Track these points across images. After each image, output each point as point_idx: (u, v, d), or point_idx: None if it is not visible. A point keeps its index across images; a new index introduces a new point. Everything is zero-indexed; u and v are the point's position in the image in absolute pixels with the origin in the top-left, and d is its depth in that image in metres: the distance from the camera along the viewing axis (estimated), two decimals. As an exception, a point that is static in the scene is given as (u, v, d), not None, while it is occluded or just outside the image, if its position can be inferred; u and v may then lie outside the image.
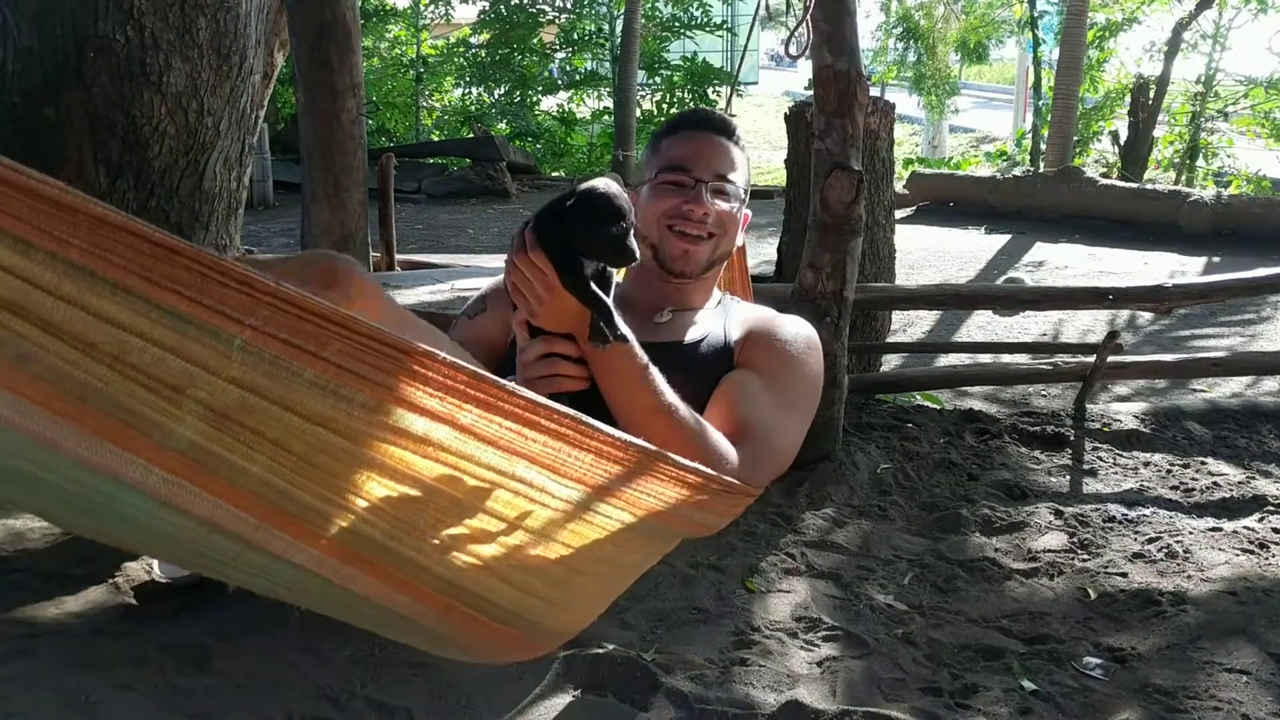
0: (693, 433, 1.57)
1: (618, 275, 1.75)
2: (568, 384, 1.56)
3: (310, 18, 3.21)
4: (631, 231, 1.53)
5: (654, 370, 1.58)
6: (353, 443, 1.10)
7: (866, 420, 3.72)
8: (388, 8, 15.10)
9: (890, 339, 4.42)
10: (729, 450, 1.62)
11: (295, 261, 1.83)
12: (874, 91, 3.39)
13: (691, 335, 1.86)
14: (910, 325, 5.63)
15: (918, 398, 4.07)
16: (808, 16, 2.67)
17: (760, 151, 16.55)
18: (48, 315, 0.93)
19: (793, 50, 2.76)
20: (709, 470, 1.36)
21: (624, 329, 1.55)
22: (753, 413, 1.71)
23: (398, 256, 4.33)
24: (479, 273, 3.45)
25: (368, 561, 1.21)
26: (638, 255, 1.54)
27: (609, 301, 1.54)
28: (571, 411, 1.20)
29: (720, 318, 1.92)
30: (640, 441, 1.27)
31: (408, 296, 2.80)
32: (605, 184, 1.53)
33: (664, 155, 1.96)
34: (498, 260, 4.88)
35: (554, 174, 13.98)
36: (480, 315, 1.96)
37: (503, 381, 1.15)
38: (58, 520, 1.41)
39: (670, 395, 1.58)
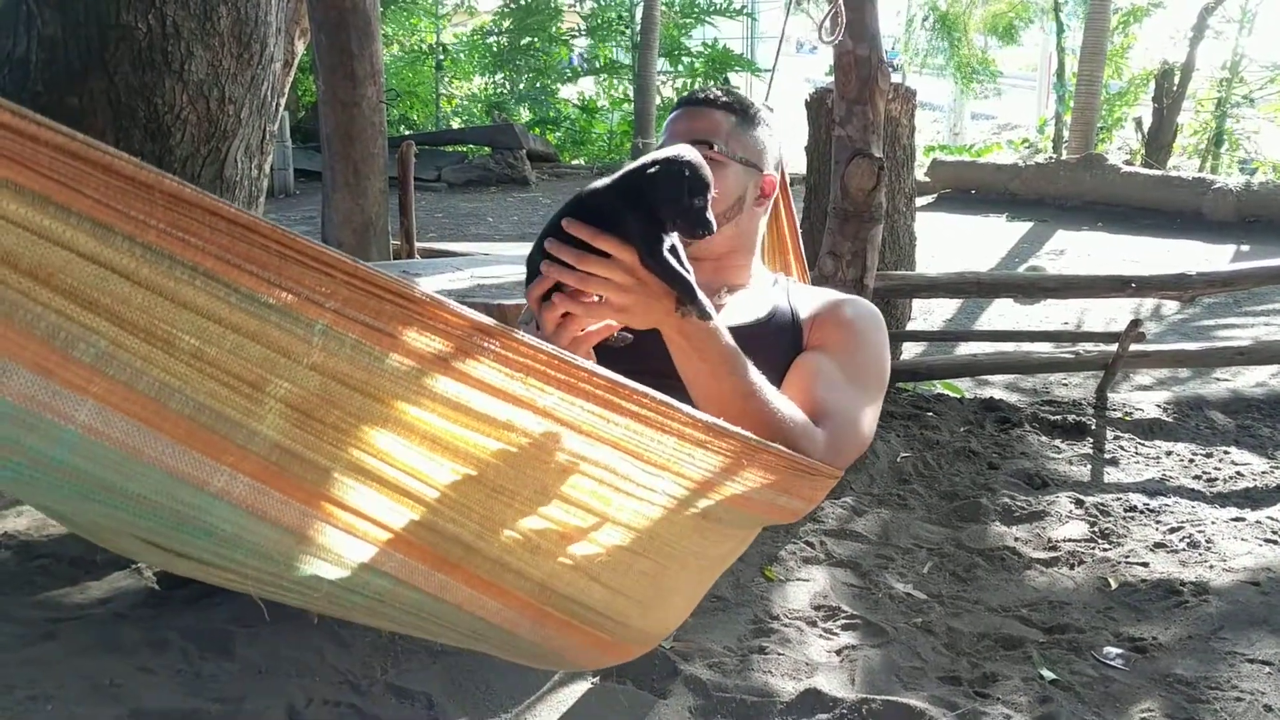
0: (784, 416, 1.53)
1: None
2: (598, 335, 1.40)
3: (331, 5, 3.22)
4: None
5: (740, 352, 1.51)
6: (437, 432, 1.07)
7: (886, 409, 3.70)
8: (408, -3, 15.11)
9: (910, 327, 4.40)
10: (816, 432, 1.59)
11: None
12: (895, 78, 3.36)
13: (757, 314, 1.84)
14: (930, 313, 5.61)
15: (938, 386, 4.05)
16: (840, 3, 2.64)
17: (780, 138, 16.39)
18: (126, 305, 0.90)
19: (825, 36, 2.73)
20: (792, 453, 1.32)
21: (710, 306, 1.42)
22: (832, 394, 1.68)
23: (418, 244, 4.34)
24: (499, 260, 3.45)
25: (458, 566, 1.17)
26: (715, 227, 1.46)
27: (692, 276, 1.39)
28: (653, 392, 1.15)
29: (783, 296, 1.90)
30: (722, 423, 1.21)
31: (427, 284, 2.81)
32: (689, 149, 1.45)
33: (666, 136, 1.97)
34: (517, 248, 4.88)
35: (574, 162, 13.96)
36: (531, 323, 1.94)
37: (584, 361, 1.11)
38: (136, 545, 1.34)
39: (759, 377, 1.52)
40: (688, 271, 1.39)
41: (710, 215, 1.40)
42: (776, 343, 1.79)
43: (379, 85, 3.31)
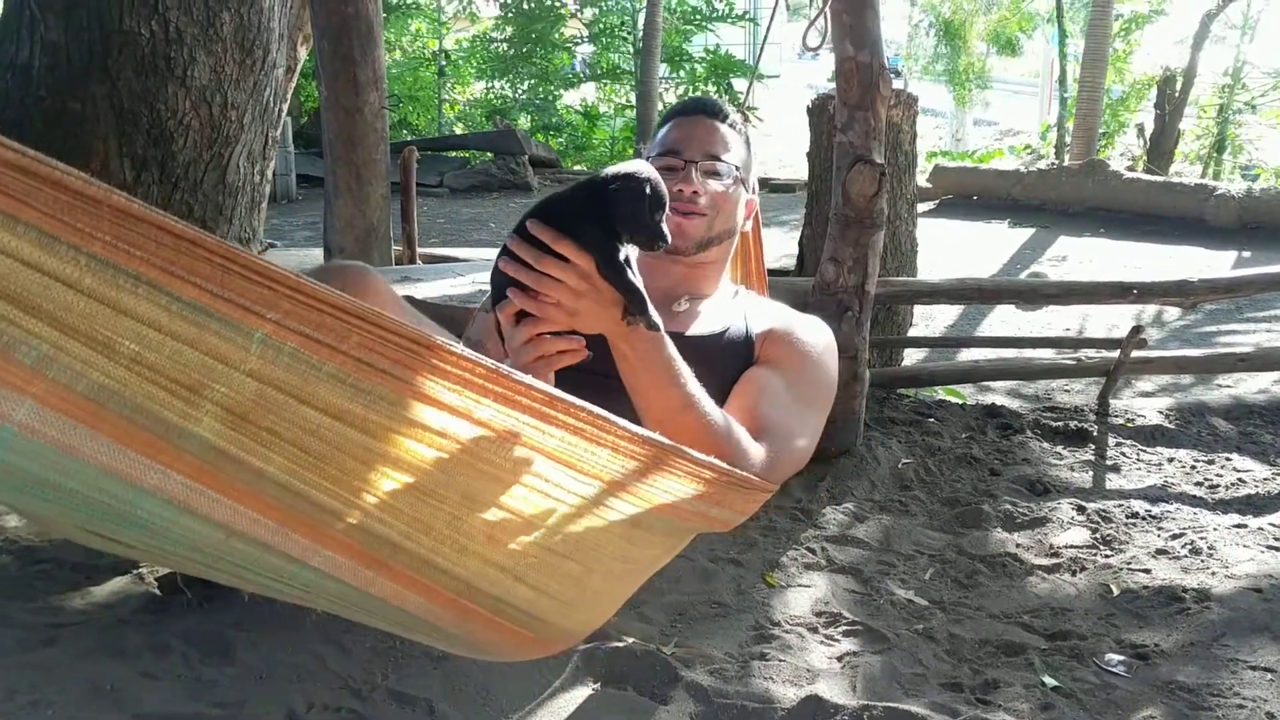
0: (721, 429, 1.55)
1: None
2: (567, 358, 1.47)
3: (333, 11, 3.23)
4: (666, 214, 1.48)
5: (683, 364, 1.54)
6: (371, 438, 1.10)
7: (888, 415, 3.71)
8: (409, 2, 15.13)
9: (912, 333, 4.40)
10: (753, 446, 1.61)
11: (307, 274, 1.82)
12: (897, 84, 3.36)
13: (712, 327, 1.86)
14: (932, 319, 5.61)
15: (940, 392, 4.05)
16: (827, 8, 2.66)
17: (782, 145, 16.54)
18: (68, 311, 0.93)
19: (811, 42, 2.74)
20: (726, 466, 1.35)
21: (657, 319, 1.48)
22: (774, 411, 1.70)
23: (419, 250, 4.35)
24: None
25: (384, 564, 1.20)
26: (670, 240, 1.49)
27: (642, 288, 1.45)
28: (589, 405, 1.19)
29: (740, 311, 1.92)
30: (658, 437, 1.26)
31: (428, 289, 2.81)
32: (646, 166, 1.49)
33: (660, 142, 1.97)
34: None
35: (576, 168, 13.97)
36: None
37: (521, 374, 1.15)
38: (76, 532, 1.39)
39: (699, 390, 1.55)
40: (639, 283, 1.43)
41: (666, 228, 1.45)
42: (726, 357, 1.80)
43: (381, 91, 3.33)
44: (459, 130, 15.07)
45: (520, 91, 15.10)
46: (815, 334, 1.89)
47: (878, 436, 3.41)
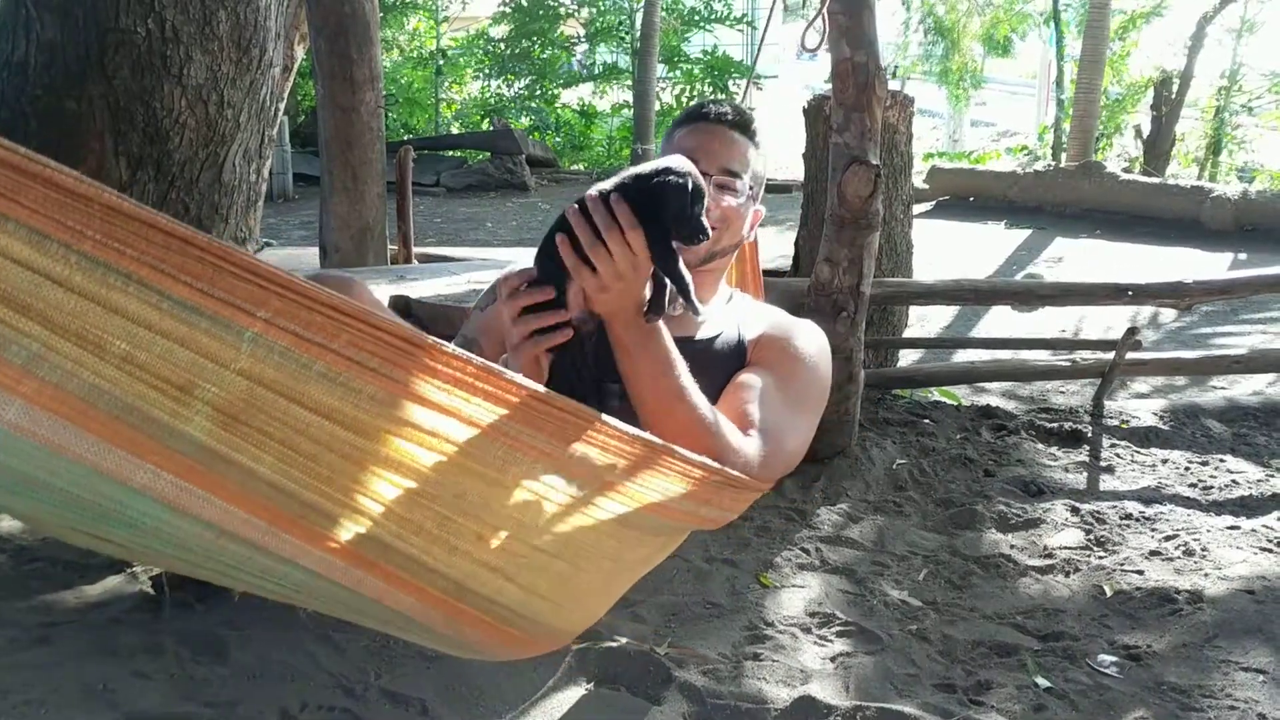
0: (710, 423, 1.56)
1: None
2: (555, 336, 1.48)
3: (330, 10, 3.23)
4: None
5: (679, 356, 1.56)
6: (361, 437, 1.10)
7: (883, 416, 3.71)
8: (407, 0, 15.12)
9: (907, 334, 4.40)
10: (742, 444, 1.62)
11: None
12: (894, 85, 3.37)
13: (706, 331, 1.86)
14: (927, 320, 5.61)
15: (935, 393, 4.06)
16: (825, 9, 2.66)
17: (779, 145, 16.50)
18: (58, 310, 0.93)
19: (809, 42, 2.74)
20: (717, 464, 1.36)
21: (699, 305, 1.53)
22: (765, 412, 1.71)
23: (415, 250, 4.35)
24: (495, 265, 3.46)
25: (375, 564, 1.20)
26: (710, 233, 1.51)
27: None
28: (578, 405, 1.19)
29: (734, 316, 1.92)
30: (647, 435, 1.26)
31: (423, 288, 2.82)
32: (685, 162, 1.49)
33: (675, 146, 1.95)
34: (513, 253, 4.88)
35: (573, 167, 13.97)
36: (490, 307, 1.95)
37: (511, 374, 1.15)
38: (65, 532, 1.39)
39: (691, 383, 1.56)
40: (689, 276, 1.46)
41: (705, 221, 1.46)
42: (720, 361, 1.81)
43: (377, 90, 3.32)
44: (456, 129, 15.07)
45: (517, 90, 15.08)
46: (808, 337, 1.89)
47: (872, 437, 3.41)
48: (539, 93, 14.95)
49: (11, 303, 0.92)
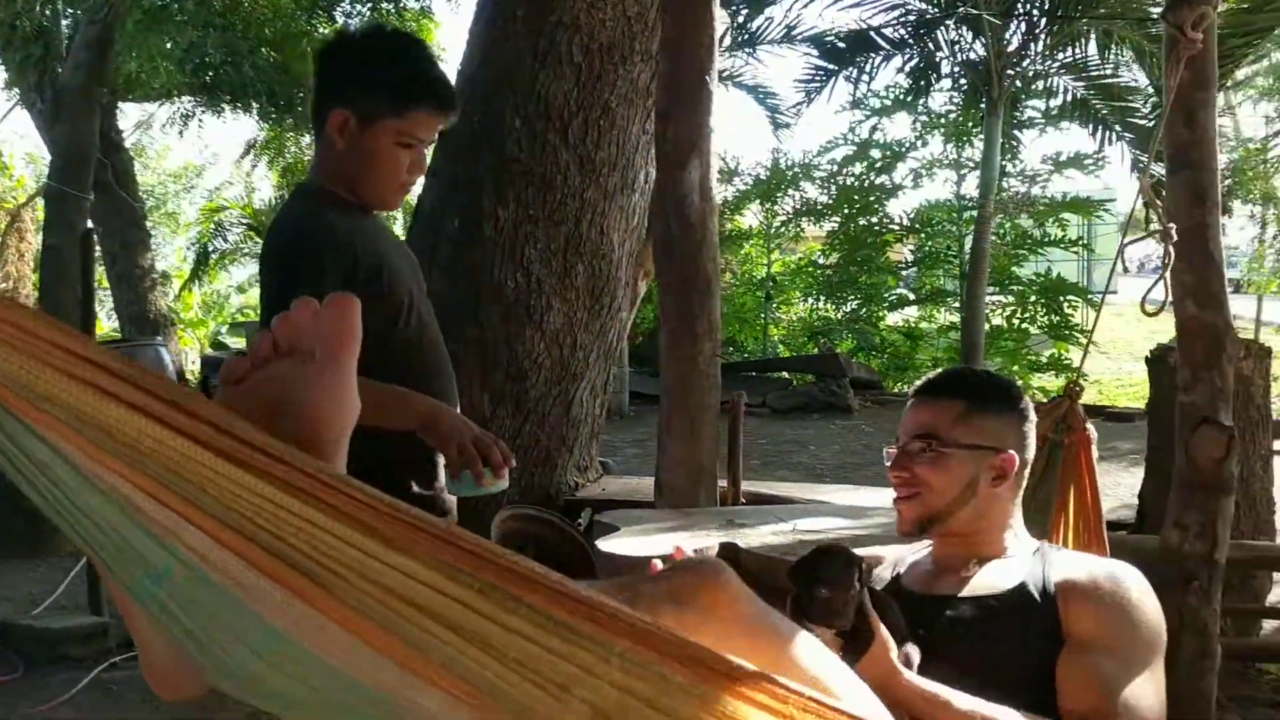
0: None
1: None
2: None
3: (678, 270, 3.54)
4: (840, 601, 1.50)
5: (940, 687, 1.55)
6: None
7: (1245, 692, 3.36)
8: (742, 230, 16.03)
9: (1271, 600, 3.99)
10: None
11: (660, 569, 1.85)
12: (1243, 301, 3.19)
13: (1006, 585, 1.84)
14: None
15: (1310, 671, 3.62)
16: (1167, 273, 2.62)
17: (1120, 363, 15.75)
18: (469, 626, 1.07)
19: (1149, 308, 2.70)
20: None
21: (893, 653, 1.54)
22: (1106, 690, 1.64)
23: (743, 487, 4.51)
24: (821, 511, 3.52)
25: None
26: (840, 621, 1.51)
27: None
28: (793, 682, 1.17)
29: (1039, 566, 1.89)
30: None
31: (751, 537, 2.92)
32: (842, 549, 1.55)
33: None
34: (839, 493, 4.93)
35: (897, 389, 13.93)
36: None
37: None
38: None
39: (974, 703, 1.54)
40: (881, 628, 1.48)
41: (836, 608, 1.45)
42: (1021, 614, 1.76)
43: (715, 340, 3.57)
44: (783, 351, 15.51)
45: (843, 313, 15.40)
46: (1123, 583, 1.81)
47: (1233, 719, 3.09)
48: (864, 314, 15.18)
49: (444, 620, 1.07)
